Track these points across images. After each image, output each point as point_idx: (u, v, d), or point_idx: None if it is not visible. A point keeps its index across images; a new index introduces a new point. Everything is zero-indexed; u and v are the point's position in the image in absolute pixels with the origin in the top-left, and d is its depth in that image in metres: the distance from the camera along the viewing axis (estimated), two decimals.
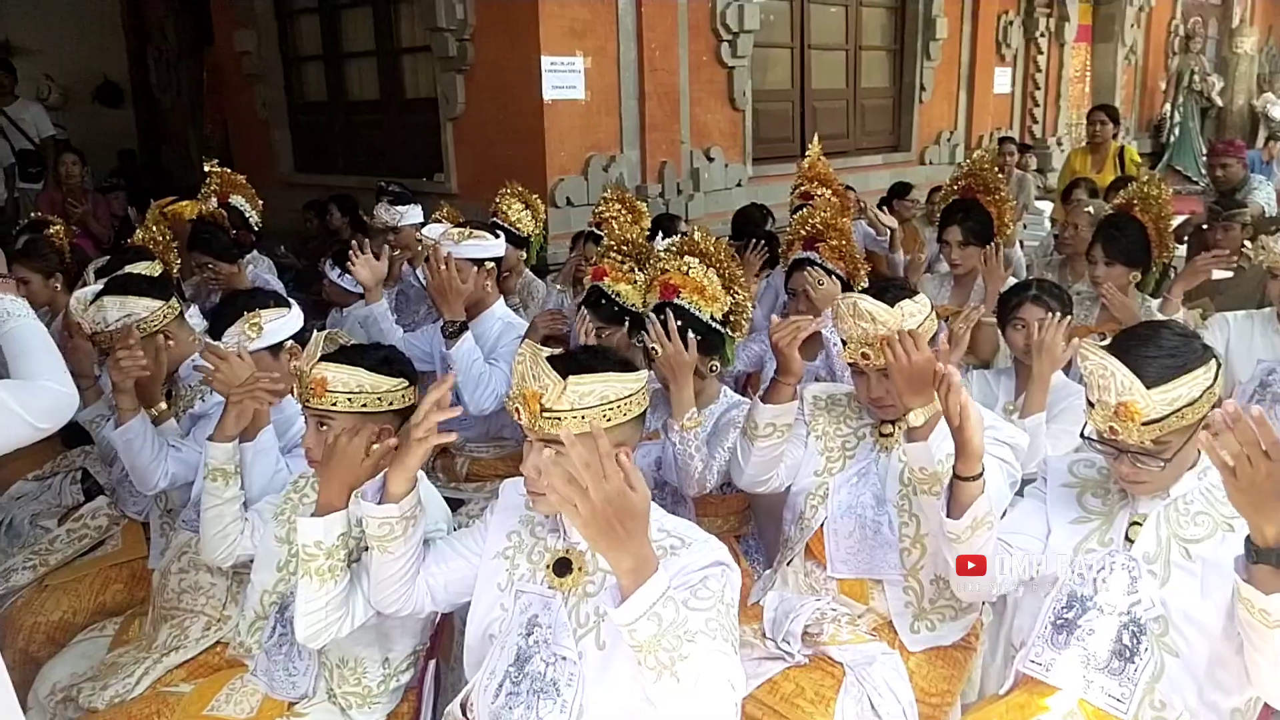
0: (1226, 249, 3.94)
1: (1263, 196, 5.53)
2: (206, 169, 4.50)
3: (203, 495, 2.16)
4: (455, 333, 2.95)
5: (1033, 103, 10.34)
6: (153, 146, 10.71)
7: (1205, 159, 9.90)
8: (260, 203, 4.58)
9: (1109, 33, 11.11)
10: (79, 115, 9.60)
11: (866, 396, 2.18)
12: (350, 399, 1.88)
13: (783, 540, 2.34)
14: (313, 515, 1.78)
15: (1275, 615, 1.46)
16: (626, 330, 2.84)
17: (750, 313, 2.61)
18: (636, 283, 2.82)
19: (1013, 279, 3.67)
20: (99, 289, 2.62)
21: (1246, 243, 4.01)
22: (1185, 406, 1.65)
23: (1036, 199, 8.42)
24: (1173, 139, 12.22)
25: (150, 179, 9.09)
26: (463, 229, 3.08)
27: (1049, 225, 7.12)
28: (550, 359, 1.65)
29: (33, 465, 3.14)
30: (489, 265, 3.09)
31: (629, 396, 1.63)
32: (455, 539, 1.88)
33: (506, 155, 5.69)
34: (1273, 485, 1.40)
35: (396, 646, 2.02)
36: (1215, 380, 1.69)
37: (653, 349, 2.32)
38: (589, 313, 2.88)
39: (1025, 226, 7.81)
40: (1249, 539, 1.50)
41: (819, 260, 3.22)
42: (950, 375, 1.72)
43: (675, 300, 2.44)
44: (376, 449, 1.75)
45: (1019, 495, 2.08)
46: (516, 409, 1.63)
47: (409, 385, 1.97)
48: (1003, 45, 9.55)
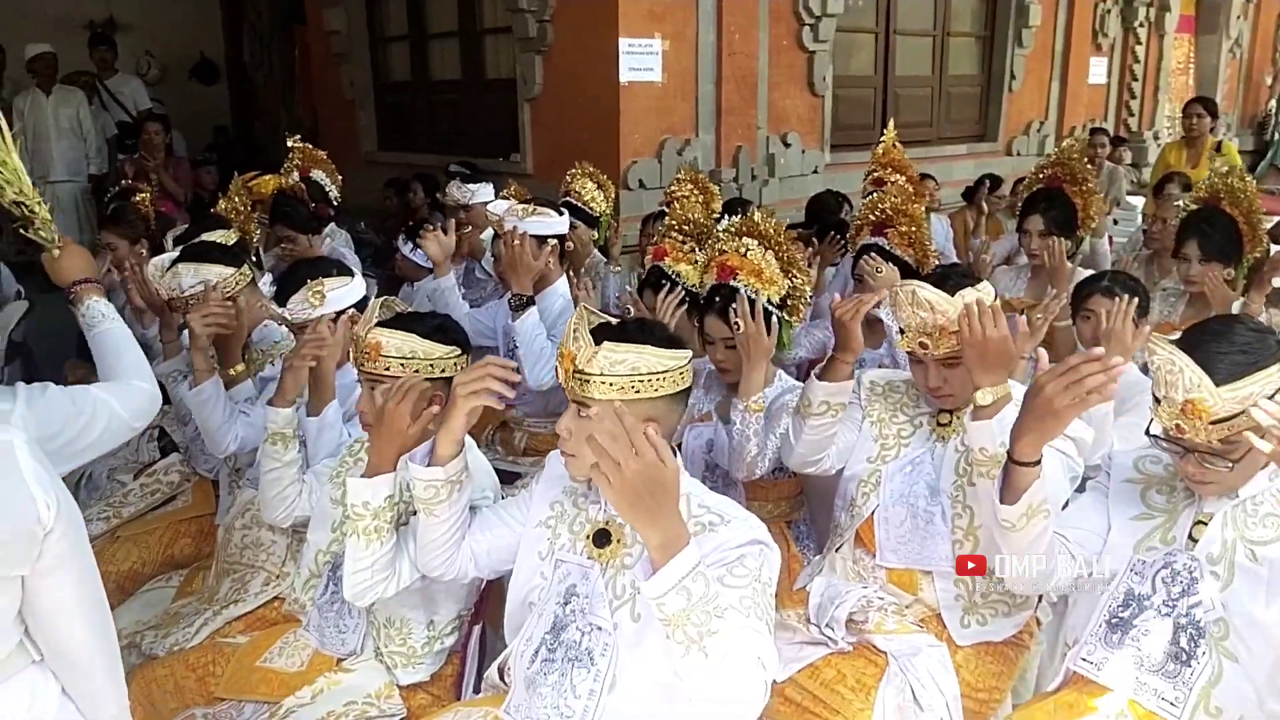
0: None
1: None
2: (289, 144, 4.62)
3: (262, 458, 2.23)
4: (521, 306, 2.99)
5: (1129, 95, 9.94)
6: (245, 123, 11.03)
7: None
8: (340, 178, 4.68)
9: (1213, 24, 10.61)
10: (176, 91, 9.93)
11: (925, 385, 2.13)
12: (403, 364, 1.91)
13: (833, 527, 2.31)
14: (362, 477, 1.81)
15: None
16: (686, 311, 2.83)
17: (808, 297, 2.57)
18: (697, 263, 2.81)
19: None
20: (174, 256, 2.72)
21: None
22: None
23: (1129, 194, 8.12)
24: (1277, 136, 11.61)
25: (242, 154, 9.35)
26: (527, 205, 3.11)
27: (1140, 220, 6.86)
28: (599, 325, 1.66)
29: None
30: (552, 242, 3.11)
31: (663, 373, 1.62)
32: (500, 507, 1.90)
33: (581, 136, 5.69)
34: None
35: (442, 610, 2.05)
36: None
37: (735, 324, 2.29)
38: (649, 293, 2.87)
39: (1116, 222, 7.55)
40: None
41: (887, 245, 3.16)
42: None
43: (732, 282, 2.42)
44: (424, 414, 1.78)
45: (1079, 491, 2.01)
46: (556, 366, 1.65)
47: (461, 354, 2.00)
48: (1099, 34, 9.18)
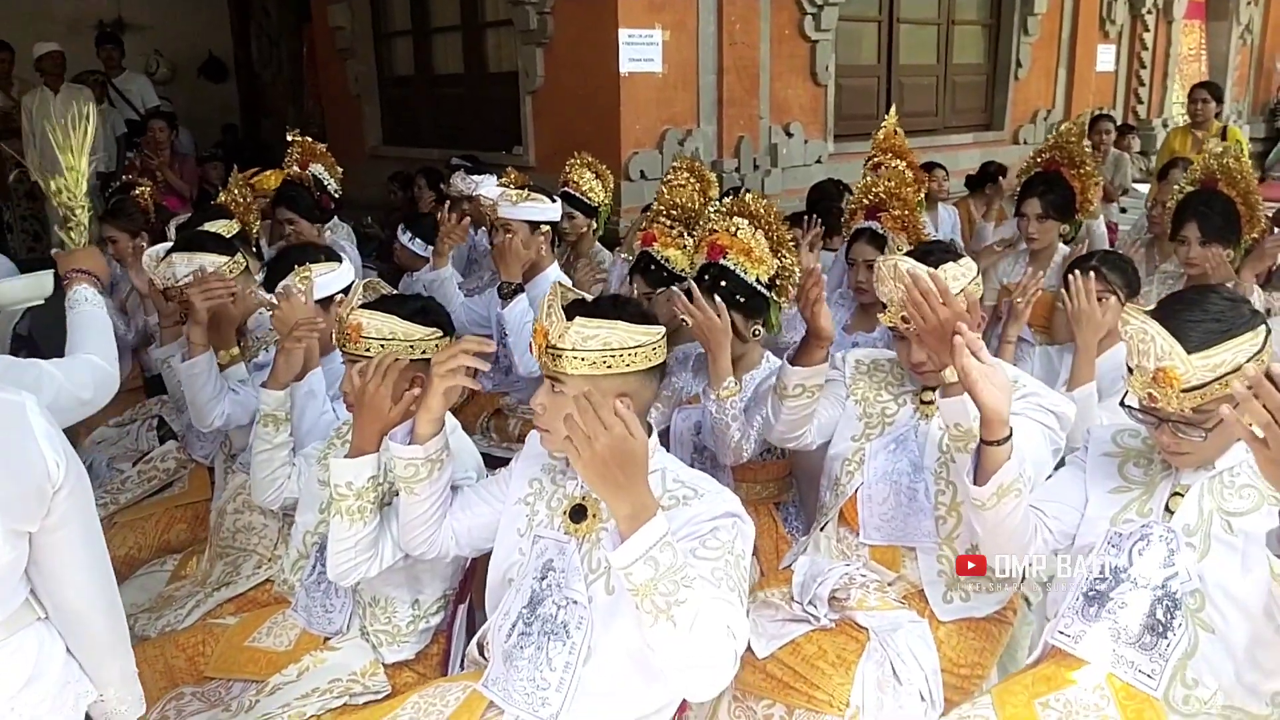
0: None
1: None
2: (289, 138, 4.65)
3: (254, 440, 2.27)
4: (511, 294, 3.01)
5: (1138, 82, 9.87)
6: (254, 121, 11.10)
7: None
8: (340, 170, 4.70)
9: (1223, 10, 10.51)
10: (185, 90, 10.02)
11: (908, 361, 2.13)
12: (383, 345, 1.93)
13: (819, 506, 2.31)
14: (345, 457, 1.84)
15: None
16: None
17: (797, 277, 2.57)
18: (685, 248, 2.81)
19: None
20: (168, 246, 2.76)
21: None
22: (1229, 373, 1.55)
23: (1137, 181, 8.06)
24: None
25: (250, 151, 9.43)
26: (520, 191, 3.13)
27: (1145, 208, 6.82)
28: (573, 302, 1.67)
29: (114, 412, 3.33)
30: (544, 229, 3.12)
31: (634, 348, 1.63)
32: (481, 486, 1.91)
33: (583, 128, 5.69)
34: None
35: (426, 590, 2.07)
36: (1263, 347, 1.60)
37: (682, 320, 2.29)
38: (639, 278, 2.88)
39: (1124, 210, 7.50)
40: None
41: (880, 229, 3.16)
42: (963, 334, 1.66)
43: (721, 261, 2.42)
44: (406, 395, 1.80)
45: (1059, 466, 2.01)
46: (531, 343, 1.67)
47: (443, 336, 2.02)
48: (1106, 21, 9.12)
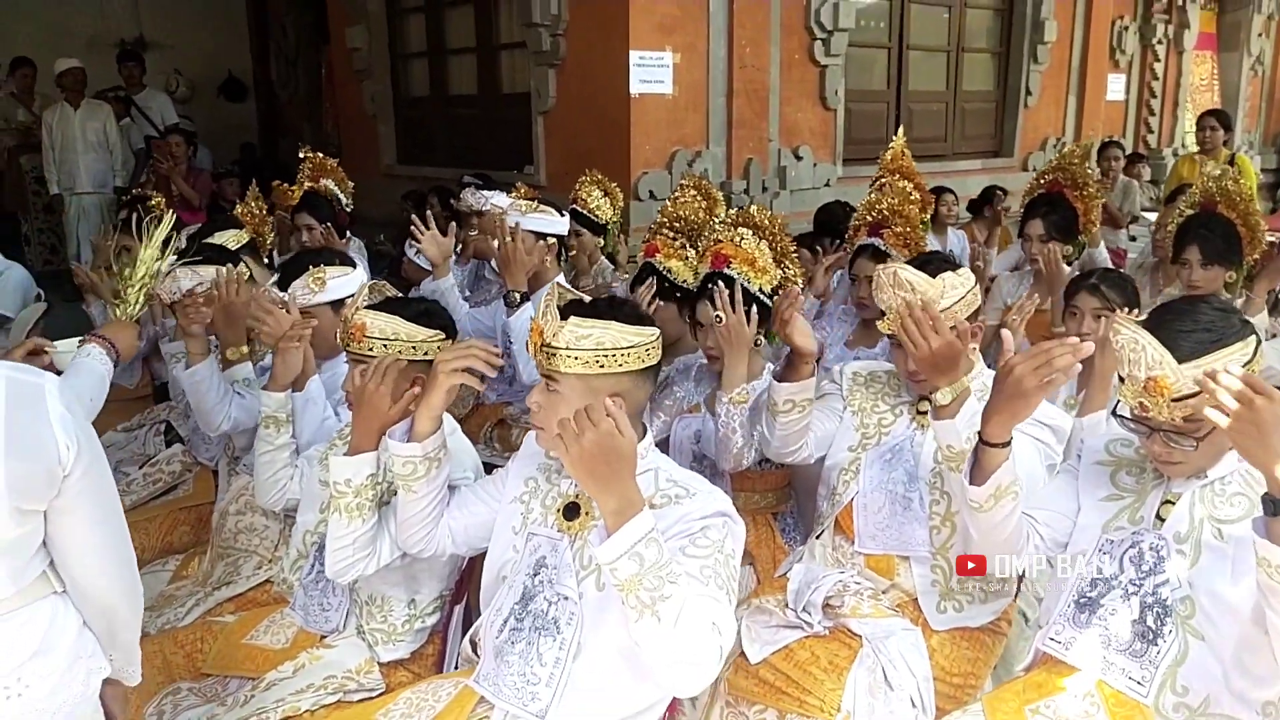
0: None
1: None
2: (301, 154, 4.72)
3: (257, 442, 2.29)
4: (516, 303, 3.04)
5: (1148, 111, 9.91)
6: (271, 140, 11.24)
7: None
8: (351, 185, 4.76)
9: (1234, 41, 10.54)
10: (205, 108, 10.16)
11: (904, 370, 2.15)
12: (386, 345, 1.96)
13: (816, 515, 2.33)
14: (345, 455, 1.86)
15: None
16: (677, 305, 2.86)
17: (801, 288, 2.60)
18: (688, 259, 2.84)
19: None
20: (171, 262, 2.79)
21: None
22: None
23: (1145, 210, 8.07)
24: None
25: (268, 171, 9.52)
26: (530, 202, 3.17)
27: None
28: (570, 302, 1.70)
29: (123, 418, 3.36)
30: (550, 240, 3.16)
31: (628, 349, 1.65)
32: (478, 485, 1.94)
33: (593, 148, 5.76)
34: (1273, 418, 1.37)
35: (423, 590, 2.09)
36: (1254, 357, 1.61)
37: (716, 316, 2.32)
38: (641, 289, 2.91)
39: (1134, 239, 7.51)
40: (1266, 495, 1.44)
41: (883, 246, 3.19)
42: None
43: (725, 270, 2.44)
44: (406, 395, 1.83)
45: None
46: (528, 343, 1.69)
47: (445, 338, 2.05)
48: (1117, 51, 9.17)
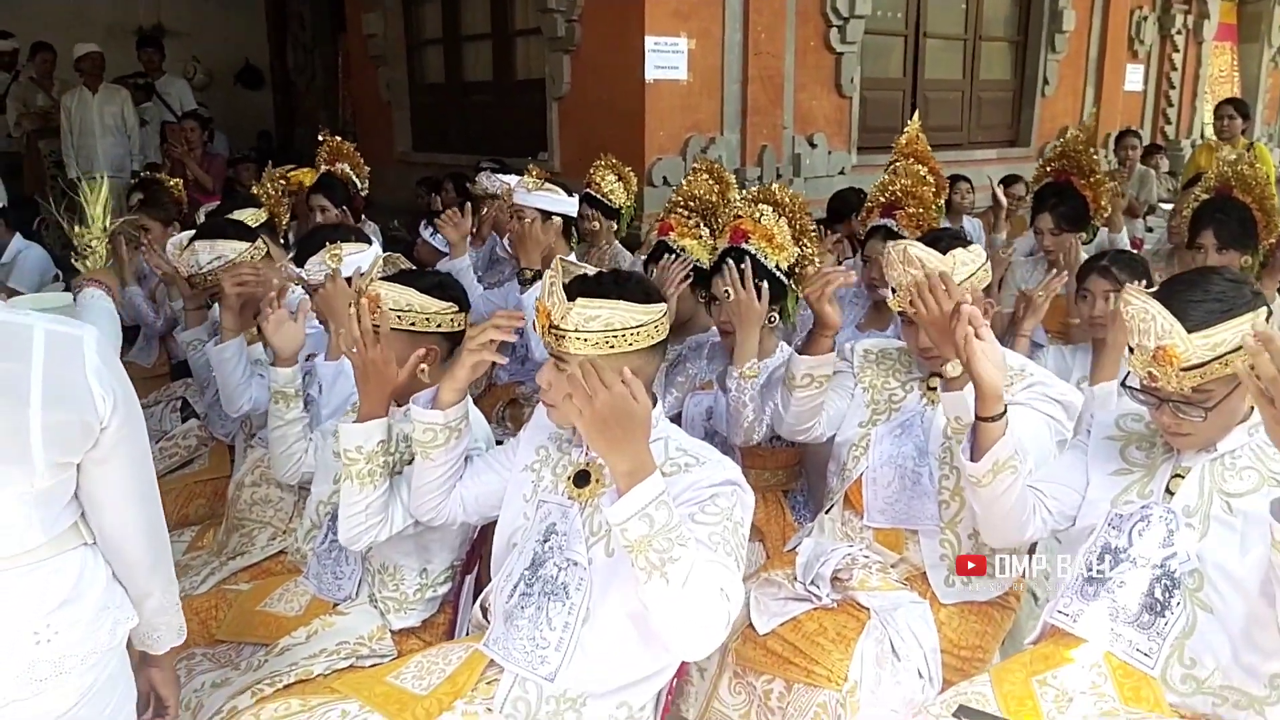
0: None
1: None
2: (319, 138, 4.75)
3: (268, 417, 2.33)
4: (530, 280, 3.06)
5: (1166, 102, 9.84)
6: (288, 128, 11.28)
7: None
8: (366, 169, 4.79)
9: (1254, 32, 10.47)
10: (222, 96, 10.22)
11: (915, 346, 2.16)
12: (400, 316, 1.98)
13: (826, 491, 2.34)
14: (354, 423, 1.88)
15: None
16: (690, 286, 2.87)
17: (817, 266, 2.60)
18: (702, 238, 2.85)
19: None
20: (191, 234, 2.84)
21: None
22: (1228, 353, 1.57)
23: (1163, 200, 8.02)
24: None
25: (285, 158, 9.56)
26: (537, 180, 3.19)
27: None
28: (576, 278, 1.70)
29: (140, 395, 3.39)
30: (557, 220, 3.19)
31: (637, 328, 1.64)
32: (490, 455, 1.96)
33: (607, 134, 5.75)
34: None
35: (435, 559, 2.11)
36: None
37: (725, 292, 2.33)
38: (654, 267, 2.92)
39: (1150, 230, 7.46)
40: None
41: (895, 227, 3.18)
42: (966, 309, 1.70)
43: (743, 245, 2.45)
44: (410, 361, 1.85)
45: None
46: (535, 322, 1.70)
47: (458, 311, 2.07)
48: (1135, 41, 9.11)
